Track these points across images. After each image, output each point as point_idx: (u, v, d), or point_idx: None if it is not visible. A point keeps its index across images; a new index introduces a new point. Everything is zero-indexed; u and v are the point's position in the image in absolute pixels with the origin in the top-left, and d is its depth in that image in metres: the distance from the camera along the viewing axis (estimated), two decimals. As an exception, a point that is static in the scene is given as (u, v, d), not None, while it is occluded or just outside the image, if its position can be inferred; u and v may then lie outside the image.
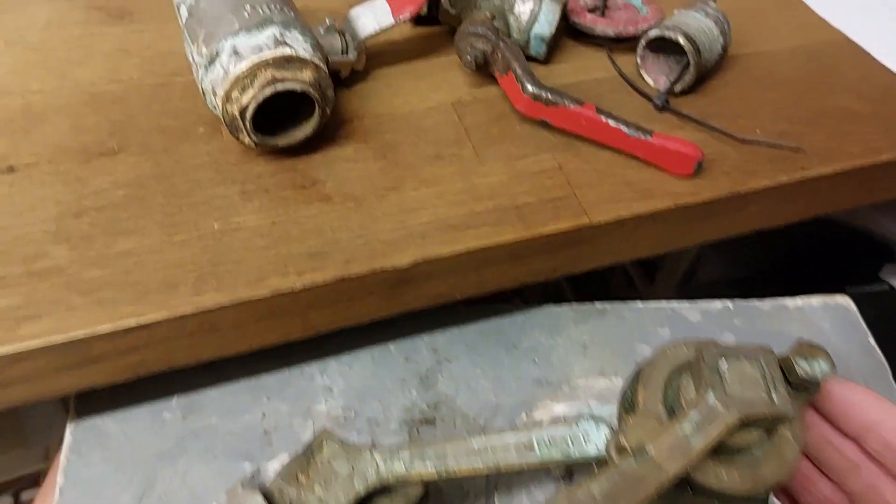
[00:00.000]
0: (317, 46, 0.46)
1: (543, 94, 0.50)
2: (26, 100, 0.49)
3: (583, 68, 0.57)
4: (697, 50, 0.52)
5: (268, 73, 0.43)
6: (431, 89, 0.54)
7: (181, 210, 0.45)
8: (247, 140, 0.45)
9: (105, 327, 0.40)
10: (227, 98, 0.43)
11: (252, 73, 0.43)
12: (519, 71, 0.50)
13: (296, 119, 0.47)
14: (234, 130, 0.45)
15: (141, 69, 0.52)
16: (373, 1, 0.51)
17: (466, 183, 0.48)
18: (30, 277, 0.41)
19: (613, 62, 0.57)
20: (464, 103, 0.53)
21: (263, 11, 0.44)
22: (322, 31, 0.49)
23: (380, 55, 0.54)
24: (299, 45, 0.44)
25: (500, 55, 0.51)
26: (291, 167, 0.48)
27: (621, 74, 0.56)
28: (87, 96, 0.50)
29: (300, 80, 0.44)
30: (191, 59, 0.46)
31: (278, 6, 0.45)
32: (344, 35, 0.51)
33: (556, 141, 0.52)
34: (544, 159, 0.50)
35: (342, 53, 0.50)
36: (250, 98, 0.43)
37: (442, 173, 0.49)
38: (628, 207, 0.49)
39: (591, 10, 0.59)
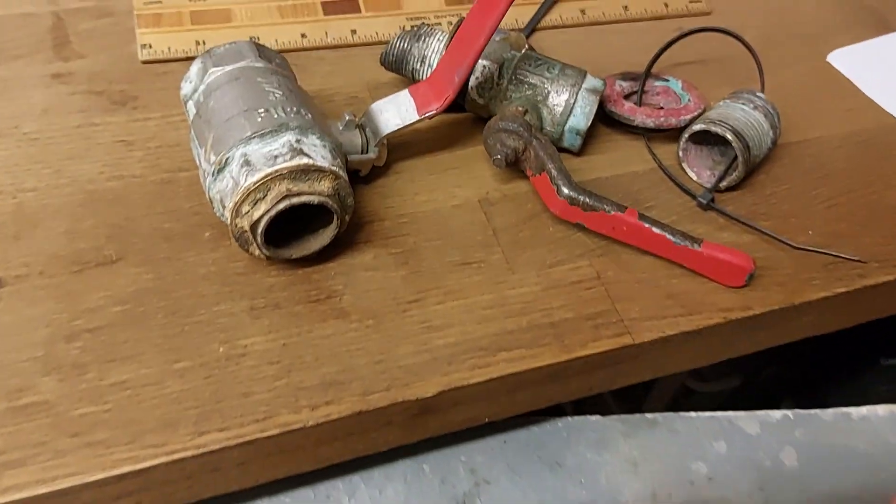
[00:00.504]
0: (336, 151, 0.43)
1: (581, 198, 0.46)
2: (19, 200, 0.46)
3: (619, 160, 0.53)
4: (746, 146, 0.49)
5: (282, 186, 0.39)
6: (457, 184, 0.50)
7: (184, 331, 0.41)
8: (257, 252, 0.41)
9: (96, 476, 0.35)
10: (237, 212, 0.39)
11: (265, 185, 0.39)
12: (554, 172, 0.46)
13: (311, 226, 0.43)
14: (243, 244, 0.41)
15: (144, 163, 0.49)
16: (396, 95, 0.48)
17: (496, 294, 0.44)
18: (14, 415, 0.37)
19: (653, 155, 0.53)
20: (492, 201, 0.50)
21: (279, 115, 0.41)
22: (340, 127, 0.46)
23: (402, 146, 0.50)
24: (317, 153, 0.41)
25: (532, 153, 0.47)
26: (305, 278, 0.44)
27: (662, 169, 0.52)
28: (84, 195, 0.46)
29: (318, 191, 0.40)
30: (197, 161, 0.42)
31: (295, 107, 0.42)
32: (364, 130, 0.47)
33: (592, 245, 0.48)
34: (581, 267, 0.46)
35: (362, 151, 0.47)
36: (262, 213, 0.39)
37: (469, 283, 0.45)
38: (674, 324, 0.44)
39: (628, 96, 0.56)
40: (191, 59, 0.55)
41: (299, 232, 0.43)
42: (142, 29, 0.55)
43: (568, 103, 0.49)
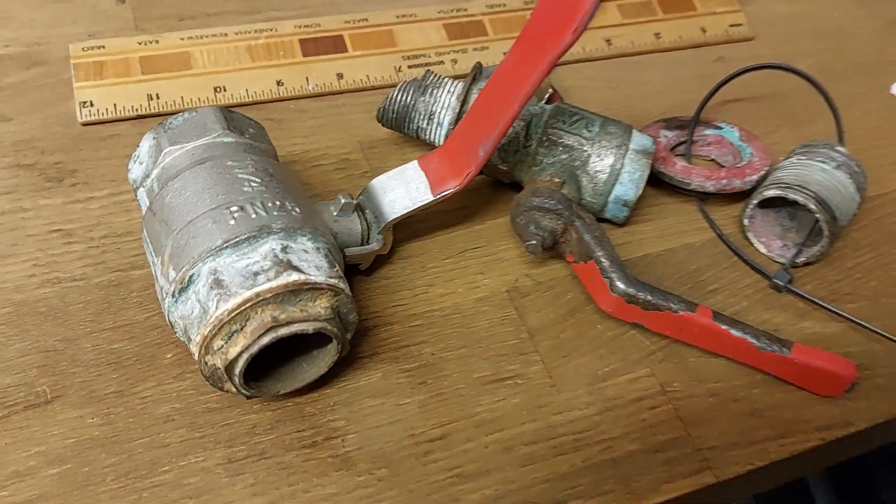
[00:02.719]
0: (333, 253, 0.34)
1: (641, 295, 0.37)
2: (-77, 320, 0.36)
3: (670, 230, 0.45)
4: (833, 217, 0.41)
5: (265, 315, 0.30)
6: (479, 270, 0.42)
7: (141, 499, 0.32)
8: (234, 391, 0.32)
9: None
10: (207, 348, 0.31)
11: (243, 314, 0.30)
12: (605, 262, 0.38)
13: (303, 349, 0.34)
14: (215, 382, 0.32)
15: (86, 260, 0.39)
16: (402, 169, 0.39)
17: (541, 423, 0.36)
18: None
19: (712, 224, 0.45)
20: (523, 290, 0.41)
21: (258, 213, 0.32)
22: (335, 212, 0.37)
23: (408, 221, 0.42)
24: (310, 262, 0.32)
25: (575, 236, 0.39)
26: (297, 412, 0.35)
27: (725, 241, 0.44)
28: (10, 309, 0.37)
29: (312, 316, 0.31)
30: (152, 269, 0.33)
31: (278, 200, 0.33)
32: (364, 213, 0.38)
33: (651, 345, 0.39)
34: (641, 378, 0.38)
35: (363, 241, 0.38)
36: (241, 349, 0.30)
37: (505, 408, 0.36)
38: (762, 453, 0.36)
39: (675, 147, 0.47)
40: (143, 118, 0.46)
41: (287, 357, 0.34)
42: (81, 82, 0.46)
43: (613, 169, 0.41)
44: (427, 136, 0.44)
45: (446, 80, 0.43)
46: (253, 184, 0.33)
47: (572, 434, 0.36)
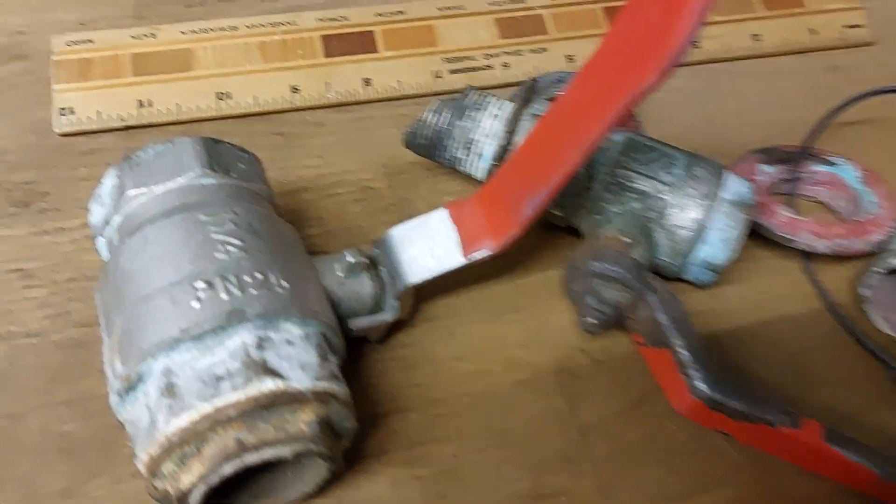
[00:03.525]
0: (330, 337, 0.26)
1: (729, 403, 0.29)
2: None
3: (766, 295, 0.36)
4: None
5: (228, 437, 0.23)
6: (521, 340, 0.34)
7: None
8: (197, 511, 0.26)
9: None
10: (153, 469, 0.24)
11: (200, 434, 0.23)
12: (684, 355, 0.29)
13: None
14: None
15: (46, 311, 0.33)
16: (427, 218, 0.31)
17: (588, 560, 0.28)
18: None
19: (822, 292, 0.36)
20: (576, 371, 0.33)
21: (231, 292, 0.25)
22: (341, 274, 0.30)
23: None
24: (293, 360, 0.24)
25: (645, 314, 0.31)
26: (280, 529, 0.28)
27: (838, 317, 0.35)
28: (-52, 372, 0.31)
29: (291, 436, 0.24)
30: (103, 351, 0.27)
31: (260, 270, 0.26)
32: (378, 272, 0.31)
33: (738, 457, 0.31)
34: (722, 501, 0.30)
35: (373, 308, 0.30)
36: (196, 479, 0.23)
37: (544, 537, 0.29)
38: None
39: (775, 184, 0.38)
40: (131, 129, 0.39)
41: (267, 466, 0.27)
42: (62, 84, 0.39)
43: (699, 225, 0.32)
44: (464, 168, 0.36)
45: (491, 100, 0.35)
46: (230, 247, 0.26)
47: (629, 579, 0.28)
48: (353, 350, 0.33)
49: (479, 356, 0.33)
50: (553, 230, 0.37)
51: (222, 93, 0.40)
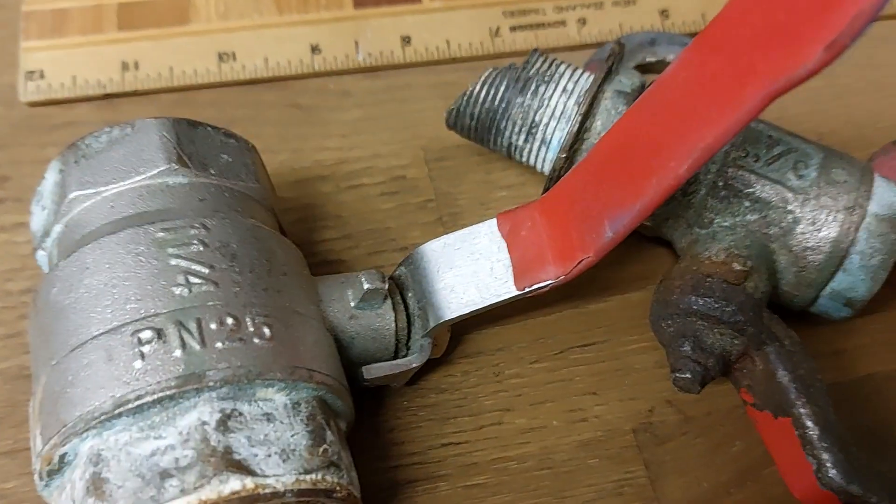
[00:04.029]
0: (328, 401, 0.20)
1: (872, 499, 0.21)
2: None
3: (916, 334, 0.28)
4: None
5: (176, 556, 0.17)
6: (589, 387, 0.26)
7: None
8: None
9: None
10: (80, 590, 0.17)
11: (134, 553, 0.17)
12: (813, 430, 0.22)
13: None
14: None
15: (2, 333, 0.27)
16: (472, 231, 0.24)
17: None
18: None
19: None
20: (660, 432, 0.26)
21: (187, 345, 0.18)
22: (353, 302, 0.23)
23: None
24: (272, 446, 0.18)
25: (760, 368, 0.23)
26: None
27: None
28: None
29: (265, 554, 0.17)
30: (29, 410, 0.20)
31: (232, 314, 0.19)
32: (405, 297, 0.24)
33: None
34: None
35: (397, 351, 0.24)
36: None
37: None
38: None
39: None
40: (112, 98, 0.32)
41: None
42: (31, 41, 0.32)
43: (837, 247, 0.24)
44: (525, 158, 0.28)
45: (562, 68, 0.27)
46: (194, 278, 0.19)
47: None
48: (371, 393, 0.26)
49: (534, 408, 0.26)
50: (639, 239, 0.29)
51: (225, 53, 0.33)
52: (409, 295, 0.24)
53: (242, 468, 0.17)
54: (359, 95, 0.33)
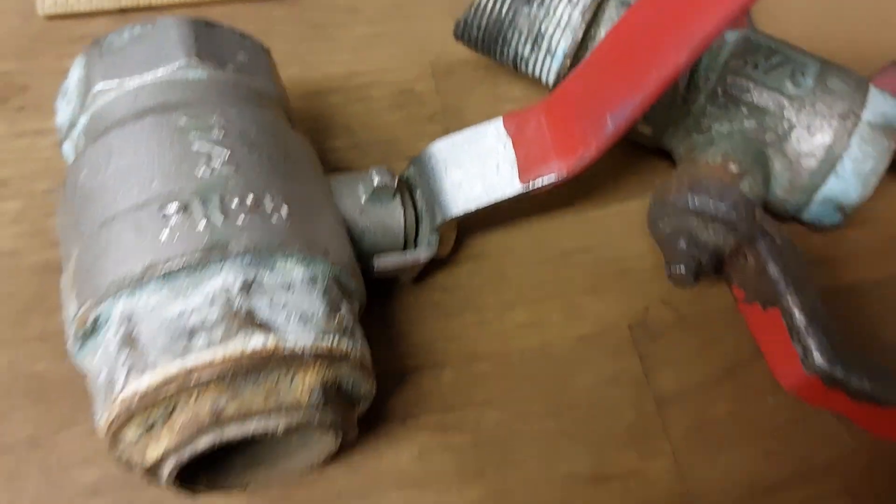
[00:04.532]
0: (343, 278, 0.21)
1: (853, 380, 0.23)
2: None
3: (901, 242, 0.30)
4: None
5: (204, 405, 0.18)
6: (588, 286, 0.28)
7: None
8: (174, 485, 0.21)
9: None
10: (115, 437, 0.19)
11: (168, 399, 0.18)
12: (800, 319, 0.23)
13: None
14: (139, 474, 0.21)
15: (22, 225, 0.28)
16: (478, 129, 0.25)
17: (658, 565, 0.23)
18: None
19: (978, 242, 0.29)
20: (655, 328, 0.27)
21: (210, 219, 0.19)
22: (364, 197, 0.24)
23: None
24: (291, 310, 0.19)
25: (752, 263, 0.24)
26: (283, 501, 0.24)
27: None
28: None
29: (286, 405, 0.19)
30: (61, 285, 0.22)
31: (252, 192, 0.20)
32: (413, 196, 0.25)
33: (852, 441, 0.25)
34: (827, 496, 0.24)
35: (406, 243, 0.25)
36: (164, 452, 0.19)
37: (605, 530, 0.24)
38: None
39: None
40: (129, 13, 0.33)
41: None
42: (48, -46, 0.33)
43: (830, 153, 0.25)
44: (530, 69, 0.29)
45: (568, -21, 0.28)
46: (214, 162, 0.20)
47: (708, 591, 0.23)
48: (382, 289, 0.27)
49: (535, 305, 0.28)
50: (638, 151, 0.31)
51: (241, -35, 0.34)
52: (418, 193, 0.26)
53: (265, 327, 0.19)
54: (368, 12, 0.34)
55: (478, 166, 0.24)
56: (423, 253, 0.25)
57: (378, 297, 0.27)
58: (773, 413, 0.26)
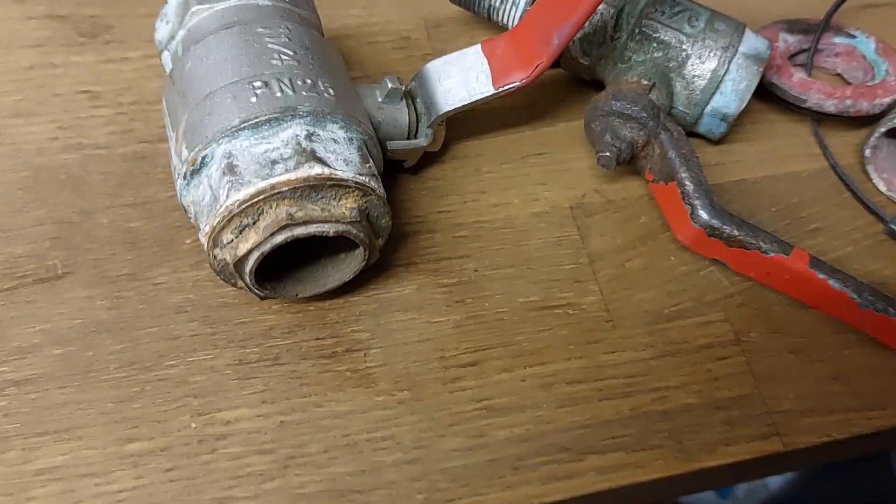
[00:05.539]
0: (369, 146, 0.30)
1: (727, 229, 0.32)
2: (-62, 175, 0.35)
3: (774, 153, 0.39)
4: (979, 157, 0.34)
5: (280, 210, 0.27)
6: (540, 179, 0.37)
7: (143, 392, 0.30)
8: (245, 289, 0.30)
9: None
10: (216, 241, 0.28)
11: (256, 207, 0.27)
12: (689, 185, 0.33)
13: (327, 250, 0.31)
14: (226, 277, 0.30)
15: (112, 127, 0.37)
16: (463, 53, 0.34)
17: (589, 361, 0.32)
18: None
19: (826, 151, 0.39)
20: (589, 209, 0.36)
21: (284, 91, 0.28)
22: (380, 98, 0.33)
23: (464, 116, 0.37)
24: (338, 155, 0.28)
25: (657, 151, 0.34)
26: (318, 318, 0.33)
27: (838, 173, 0.38)
28: (29, 173, 0.35)
29: (335, 217, 0.28)
30: (169, 148, 0.30)
31: (310, 78, 0.29)
32: (415, 101, 0.34)
33: (731, 286, 0.35)
34: (712, 322, 0.34)
35: (409, 135, 0.34)
36: (252, 246, 0.27)
37: (550, 339, 0.33)
38: (843, 425, 0.32)
39: (795, 56, 0.41)
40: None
41: (310, 257, 0.31)
42: (124, -75, 0.42)
43: (715, 75, 0.35)
44: (500, 18, 0.38)
45: (529, -53, 0.38)
46: (284, 56, 0.29)
47: (623, 378, 0.32)
48: (389, 177, 0.36)
49: (502, 191, 0.37)
50: (580, 84, 0.40)
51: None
52: (418, 100, 0.35)
53: (322, 162, 0.27)
54: (374, -21, 0.44)
55: (462, 77, 0.34)
56: (423, 141, 0.34)
57: (386, 181, 0.36)
58: (674, 267, 0.35)
